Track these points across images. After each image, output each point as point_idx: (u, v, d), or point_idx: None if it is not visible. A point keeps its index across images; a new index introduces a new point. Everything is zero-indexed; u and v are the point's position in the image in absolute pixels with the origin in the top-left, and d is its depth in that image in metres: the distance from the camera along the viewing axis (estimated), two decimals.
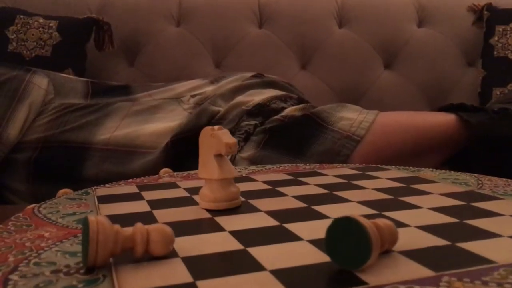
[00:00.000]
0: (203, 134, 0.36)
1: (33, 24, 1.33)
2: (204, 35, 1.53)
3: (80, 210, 0.37)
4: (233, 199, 0.36)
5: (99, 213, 0.36)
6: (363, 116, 0.84)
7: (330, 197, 0.38)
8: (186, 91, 1.07)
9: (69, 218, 0.34)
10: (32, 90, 0.98)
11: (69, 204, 0.39)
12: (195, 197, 0.40)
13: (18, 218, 0.35)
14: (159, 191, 0.43)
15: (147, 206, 0.37)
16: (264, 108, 0.93)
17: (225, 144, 0.35)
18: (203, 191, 0.36)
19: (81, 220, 0.34)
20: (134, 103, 1.04)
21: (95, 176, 0.95)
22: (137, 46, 1.50)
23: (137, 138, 0.96)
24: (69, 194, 0.45)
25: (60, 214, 0.35)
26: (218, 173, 0.35)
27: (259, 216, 0.34)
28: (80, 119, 0.99)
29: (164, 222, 0.33)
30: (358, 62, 1.54)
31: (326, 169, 0.50)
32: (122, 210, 0.37)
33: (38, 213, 0.36)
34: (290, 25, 1.56)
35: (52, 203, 0.39)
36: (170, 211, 0.36)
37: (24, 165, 0.95)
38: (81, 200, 0.40)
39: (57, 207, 0.38)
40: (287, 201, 0.37)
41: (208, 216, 0.34)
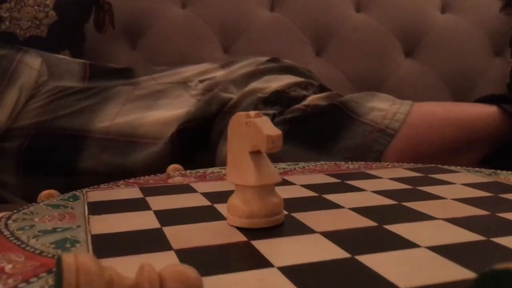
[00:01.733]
0: (235, 123, 0.26)
1: (28, 1, 1.22)
2: (212, 18, 1.42)
3: (63, 225, 0.27)
4: (275, 214, 0.26)
5: (88, 229, 0.26)
6: (397, 106, 0.74)
7: (402, 210, 0.28)
8: (193, 75, 0.97)
9: (45, 239, 0.25)
10: (23, 71, 0.87)
11: (50, 214, 0.29)
12: (219, 208, 0.30)
13: None
14: (169, 196, 0.33)
15: (155, 220, 0.28)
16: (282, 95, 0.83)
17: (266, 137, 0.24)
18: (233, 201, 0.26)
19: (60, 243, 0.24)
20: (136, 87, 0.93)
21: (92, 168, 0.85)
22: (140, 28, 1.39)
23: (140, 126, 0.86)
24: (53, 197, 0.35)
25: (35, 231, 0.26)
26: (255, 178, 0.25)
27: (315, 240, 0.24)
28: (76, 104, 0.89)
29: (181, 248, 0.23)
30: (376, 49, 1.43)
31: (375, 170, 0.40)
32: (120, 226, 0.27)
33: (5, 228, 0.26)
34: (304, 9, 1.45)
35: (27, 212, 0.29)
36: (188, 230, 0.26)
37: (14, 154, 0.85)
38: (66, 208, 0.30)
39: (33, 219, 0.28)
40: (346, 216, 0.28)
41: (243, 239, 0.24)
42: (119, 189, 0.35)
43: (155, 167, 0.85)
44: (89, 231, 0.25)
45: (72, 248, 0.23)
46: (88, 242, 0.24)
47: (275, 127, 0.26)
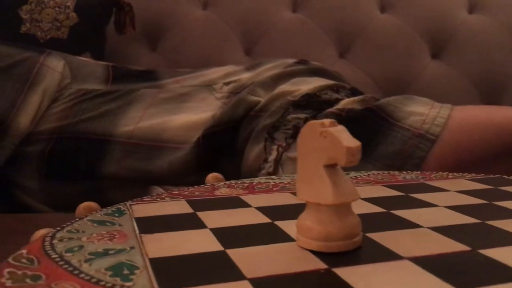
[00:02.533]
0: (307, 133, 0.23)
1: (49, 3, 1.21)
2: (233, 19, 1.40)
3: (114, 246, 0.24)
4: (354, 236, 0.23)
5: (144, 252, 0.23)
6: (436, 110, 0.71)
7: (490, 231, 0.25)
8: (218, 78, 0.94)
9: (99, 263, 0.22)
10: (46, 73, 0.86)
11: (97, 232, 0.26)
12: (283, 226, 0.27)
13: (19, 260, 0.22)
14: (222, 211, 0.30)
15: (215, 240, 0.25)
16: (313, 99, 0.80)
17: (346, 149, 0.22)
18: (305, 221, 0.23)
19: (117, 269, 0.21)
20: (160, 90, 0.91)
21: (115, 173, 0.83)
22: (160, 30, 1.37)
23: (165, 131, 0.84)
24: (94, 211, 0.33)
25: (85, 254, 0.23)
26: (332, 195, 0.22)
27: (407, 268, 0.21)
28: (100, 107, 0.87)
29: (255, 277, 0.20)
30: (402, 50, 1.39)
31: (436, 181, 0.37)
32: (178, 248, 0.24)
33: (51, 249, 0.23)
34: (327, 10, 1.42)
35: (72, 230, 0.26)
36: (256, 253, 0.23)
37: (36, 159, 0.84)
38: (114, 225, 0.27)
39: (80, 238, 0.25)
40: (429, 238, 0.24)
41: (321, 265, 0.21)
42: (165, 202, 0.32)
43: (180, 172, 0.83)
44: (145, 254, 0.23)
45: (131, 276, 0.20)
46: (147, 268, 0.21)
47: (353, 138, 0.23)
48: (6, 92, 0.81)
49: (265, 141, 0.78)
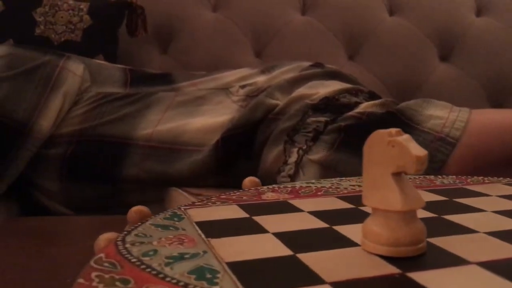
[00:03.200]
0: (374, 141, 0.24)
1: (62, 6, 1.22)
2: (243, 21, 1.41)
3: (187, 250, 0.25)
4: (420, 242, 0.24)
5: (219, 256, 0.24)
6: (455, 114, 0.72)
7: None
8: (234, 81, 0.95)
9: (179, 267, 0.23)
10: (67, 77, 0.86)
11: (165, 236, 0.27)
12: (342, 231, 0.28)
13: (101, 263, 0.23)
14: (278, 216, 0.31)
15: (281, 245, 0.26)
16: (332, 102, 0.81)
17: (415, 158, 0.23)
18: (372, 227, 0.24)
19: (199, 272, 0.22)
20: (177, 93, 0.92)
21: (135, 176, 0.84)
22: (171, 33, 1.38)
23: (183, 134, 0.85)
24: (146, 215, 0.34)
25: (162, 258, 0.24)
26: (402, 202, 0.23)
27: (477, 273, 0.22)
28: (119, 110, 0.87)
29: (336, 281, 0.21)
30: (411, 53, 1.41)
31: (474, 185, 0.38)
32: (249, 252, 0.25)
33: (128, 253, 0.24)
34: (336, 12, 1.43)
35: (139, 234, 0.27)
36: (326, 258, 0.24)
37: (57, 161, 0.84)
38: (178, 229, 0.28)
39: (151, 242, 0.26)
40: (490, 243, 0.25)
41: (394, 270, 0.22)
42: (217, 207, 0.33)
43: (199, 174, 0.84)
44: (220, 258, 0.24)
45: (215, 280, 0.21)
46: (227, 272, 0.22)
47: (420, 146, 0.24)
48: (28, 95, 0.81)
49: (284, 143, 0.79)
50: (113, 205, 0.87)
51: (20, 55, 0.85)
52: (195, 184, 0.84)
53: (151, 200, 0.86)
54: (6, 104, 0.79)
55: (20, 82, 0.82)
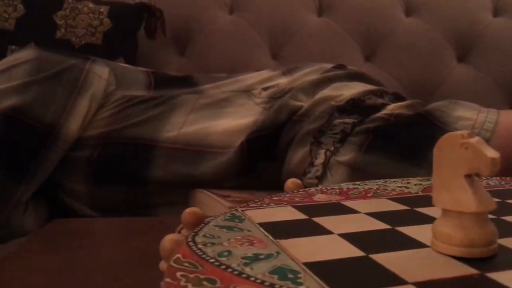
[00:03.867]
0: (446, 143, 0.25)
1: (83, 9, 1.23)
2: (260, 23, 1.41)
3: (260, 251, 0.25)
4: (493, 243, 0.24)
5: (294, 257, 0.25)
6: (484, 115, 0.72)
7: None
8: (256, 83, 0.96)
9: (259, 268, 0.23)
10: (93, 80, 0.87)
11: (233, 237, 0.28)
12: (404, 231, 0.28)
13: (181, 263, 0.24)
14: (337, 217, 0.31)
15: (349, 245, 0.26)
16: (358, 103, 0.81)
17: (490, 160, 0.23)
18: (444, 228, 0.25)
19: (280, 273, 0.23)
20: (200, 96, 0.93)
21: (162, 178, 0.85)
22: (188, 35, 1.39)
23: (208, 136, 0.86)
24: (201, 217, 0.34)
25: (238, 258, 0.24)
26: (476, 204, 0.24)
27: None
28: (144, 113, 0.88)
29: (418, 281, 0.22)
30: (428, 54, 1.41)
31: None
32: (322, 253, 0.25)
33: (204, 254, 0.25)
34: (353, 13, 1.44)
35: (206, 235, 0.28)
36: (400, 258, 0.24)
37: (84, 164, 0.85)
38: (241, 230, 0.29)
39: (221, 243, 0.27)
40: None
41: (472, 271, 0.23)
42: (272, 208, 0.34)
43: (224, 176, 0.84)
44: (295, 259, 0.24)
45: (298, 280, 0.22)
46: (308, 273, 0.22)
47: (492, 149, 0.24)
48: (56, 98, 0.82)
49: (310, 145, 0.80)
50: (138, 206, 0.88)
51: (48, 58, 0.86)
52: (219, 185, 0.84)
53: (175, 201, 0.87)
54: (35, 107, 0.80)
55: (48, 86, 0.83)
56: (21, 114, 0.78)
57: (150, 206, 0.88)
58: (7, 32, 1.20)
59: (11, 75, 0.81)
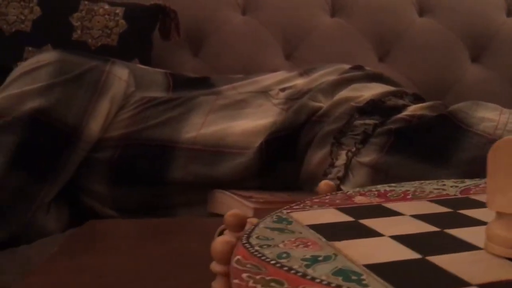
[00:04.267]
0: (502, 146, 0.25)
1: (98, 10, 1.24)
2: (273, 24, 1.42)
3: (316, 253, 0.26)
4: None
5: (348, 257, 0.25)
6: (506, 116, 0.72)
7: None
8: (273, 84, 0.97)
9: (321, 269, 0.24)
10: (114, 82, 0.88)
11: (287, 239, 0.28)
12: (454, 233, 0.29)
13: (242, 265, 0.24)
14: (383, 219, 0.32)
15: (403, 247, 0.27)
16: (378, 105, 0.81)
17: None
18: (498, 231, 0.25)
19: (342, 274, 0.23)
20: (218, 97, 0.93)
21: (182, 178, 0.86)
22: (202, 36, 1.40)
23: (227, 137, 0.86)
24: (243, 218, 0.35)
25: (298, 259, 0.25)
26: None
27: None
28: (163, 114, 0.89)
29: (481, 283, 0.22)
30: (442, 54, 1.41)
31: None
32: (379, 255, 0.26)
33: (263, 256, 0.25)
34: (365, 14, 1.44)
35: (260, 236, 0.28)
36: (456, 261, 0.25)
37: (105, 165, 0.86)
38: (293, 232, 0.29)
39: (277, 245, 0.27)
40: None
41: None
42: (316, 210, 0.34)
43: (243, 177, 0.85)
44: (354, 260, 0.25)
45: (363, 282, 0.22)
46: (370, 275, 0.23)
47: None
48: (78, 100, 0.83)
49: (331, 146, 0.80)
50: (157, 207, 0.89)
51: (69, 60, 0.86)
52: (238, 186, 0.85)
53: (194, 202, 0.87)
54: (58, 108, 0.81)
55: (70, 87, 0.84)
56: (45, 115, 0.79)
57: (169, 207, 0.89)
58: (24, 33, 1.21)
59: (35, 77, 0.81)
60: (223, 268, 0.30)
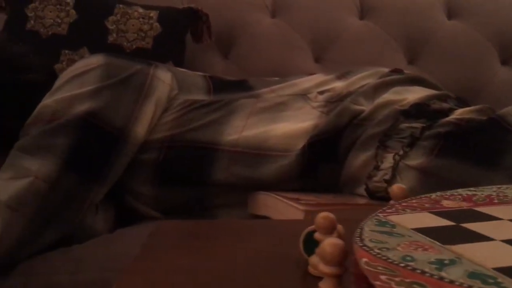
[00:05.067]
0: None
1: (133, 14, 1.25)
2: (302, 26, 1.43)
3: (441, 256, 0.27)
4: None
5: (474, 261, 0.26)
6: None
7: None
8: (311, 87, 0.97)
9: (453, 273, 0.24)
10: (158, 85, 0.89)
11: (401, 242, 0.29)
12: None
13: (374, 267, 0.25)
14: (481, 223, 0.33)
15: None
16: (423, 108, 0.82)
17: None
18: None
19: (478, 277, 0.24)
20: (257, 100, 0.94)
21: (225, 180, 0.87)
22: (231, 38, 1.41)
23: (268, 139, 0.87)
24: (333, 221, 0.36)
25: (425, 263, 0.26)
26: None
27: None
28: (205, 117, 0.90)
29: None
30: (471, 57, 1.41)
31: None
32: (500, 259, 0.26)
33: (389, 259, 0.26)
34: (394, 16, 1.44)
35: (372, 240, 0.29)
36: None
37: (150, 166, 0.87)
38: (403, 236, 0.30)
39: (394, 248, 0.28)
40: None
41: None
42: (411, 214, 0.35)
43: (285, 179, 0.86)
44: (481, 264, 0.25)
45: (502, 285, 0.23)
46: (504, 277, 0.24)
47: None
48: (125, 103, 0.84)
49: (376, 149, 0.81)
50: (198, 208, 0.90)
51: (115, 64, 0.88)
52: (279, 188, 0.85)
53: (234, 203, 0.88)
54: (106, 111, 0.82)
55: (118, 91, 0.85)
56: (95, 118, 0.81)
57: (210, 208, 0.90)
58: (60, 36, 1.23)
59: (84, 80, 0.83)
60: (332, 270, 0.31)
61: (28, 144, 0.76)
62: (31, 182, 0.73)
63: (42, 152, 0.75)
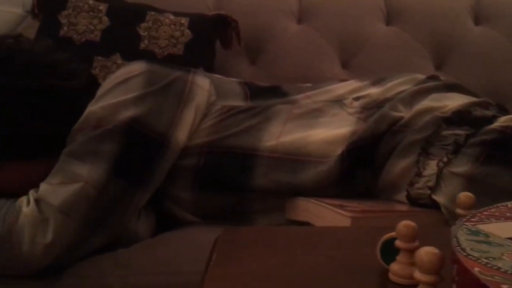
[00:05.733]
0: None
1: (164, 21, 1.27)
2: (328, 32, 1.43)
3: None
4: None
5: None
6: None
7: None
8: (346, 93, 0.97)
9: None
10: (197, 91, 0.90)
11: (502, 251, 0.29)
12: None
13: (489, 276, 0.25)
14: None
15: None
16: (465, 115, 0.82)
17: None
18: None
19: None
20: (293, 106, 0.95)
21: (263, 186, 0.87)
22: (259, 44, 1.42)
23: (307, 145, 0.87)
24: (415, 228, 0.36)
25: None
26: None
27: None
28: (242, 123, 0.91)
29: None
30: (498, 63, 1.41)
31: None
32: None
33: (500, 268, 0.27)
34: (421, 22, 1.45)
35: (474, 249, 0.30)
36: None
37: (190, 172, 0.88)
38: (501, 245, 0.31)
39: (499, 257, 0.28)
40: None
41: None
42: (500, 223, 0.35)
43: (324, 185, 0.86)
44: None
45: None
46: None
47: None
48: (166, 109, 0.85)
49: (418, 155, 0.81)
50: (237, 213, 0.90)
51: (156, 71, 0.89)
52: (317, 194, 0.86)
53: (272, 209, 0.89)
54: (149, 118, 0.83)
55: (160, 97, 0.86)
56: (139, 124, 0.81)
57: (249, 213, 0.90)
58: (93, 43, 1.24)
59: (128, 87, 0.84)
60: (429, 278, 0.31)
61: (77, 150, 0.77)
62: (81, 187, 0.74)
63: (91, 158, 0.76)
